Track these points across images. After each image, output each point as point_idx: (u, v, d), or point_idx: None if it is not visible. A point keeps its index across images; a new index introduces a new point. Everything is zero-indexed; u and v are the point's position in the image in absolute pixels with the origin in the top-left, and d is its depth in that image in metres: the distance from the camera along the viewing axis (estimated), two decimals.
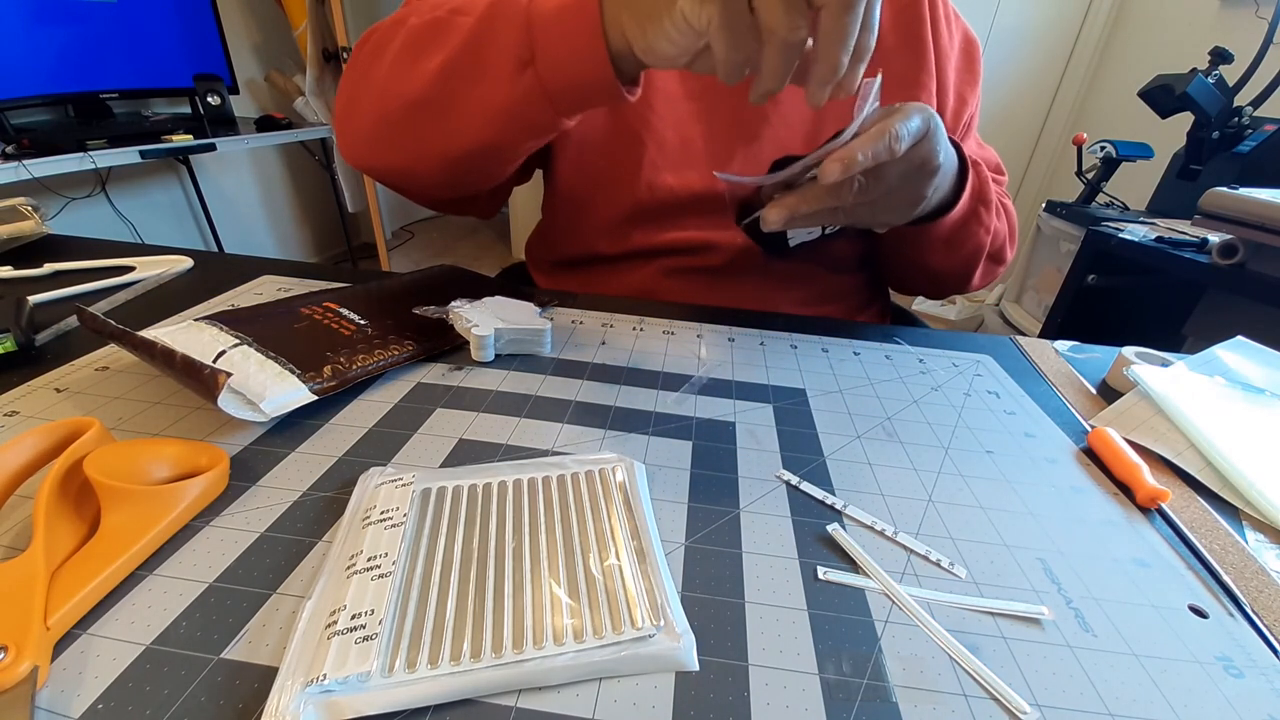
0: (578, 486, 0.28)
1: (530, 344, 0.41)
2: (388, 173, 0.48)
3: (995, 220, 0.52)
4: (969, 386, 0.42)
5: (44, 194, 1.59)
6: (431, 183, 0.47)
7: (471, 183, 0.48)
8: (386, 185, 0.50)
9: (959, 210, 0.46)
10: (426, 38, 0.41)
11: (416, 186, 0.49)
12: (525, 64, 0.36)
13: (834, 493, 0.30)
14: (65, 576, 0.21)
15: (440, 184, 0.47)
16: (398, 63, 0.42)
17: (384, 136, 0.44)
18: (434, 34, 0.40)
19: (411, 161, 0.45)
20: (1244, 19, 1.62)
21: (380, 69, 0.43)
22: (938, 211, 0.46)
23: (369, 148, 0.46)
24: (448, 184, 0.47)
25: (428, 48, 0.40)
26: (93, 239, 0.60)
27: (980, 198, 0.48)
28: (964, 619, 0.24)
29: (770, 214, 0.35)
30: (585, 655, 0.20)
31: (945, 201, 0.45)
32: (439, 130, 0.41)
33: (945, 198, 0.45)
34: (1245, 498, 0.32)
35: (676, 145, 0.52)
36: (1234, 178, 1.30)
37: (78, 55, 1.58)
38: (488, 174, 0.47)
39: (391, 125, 0.43)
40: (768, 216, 0.35)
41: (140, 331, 0.34)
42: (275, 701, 0.18)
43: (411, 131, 0.42)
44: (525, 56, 0.36)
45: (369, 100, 0.44)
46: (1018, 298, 1.90)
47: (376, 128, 0.44)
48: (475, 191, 0.51)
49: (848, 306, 0.62)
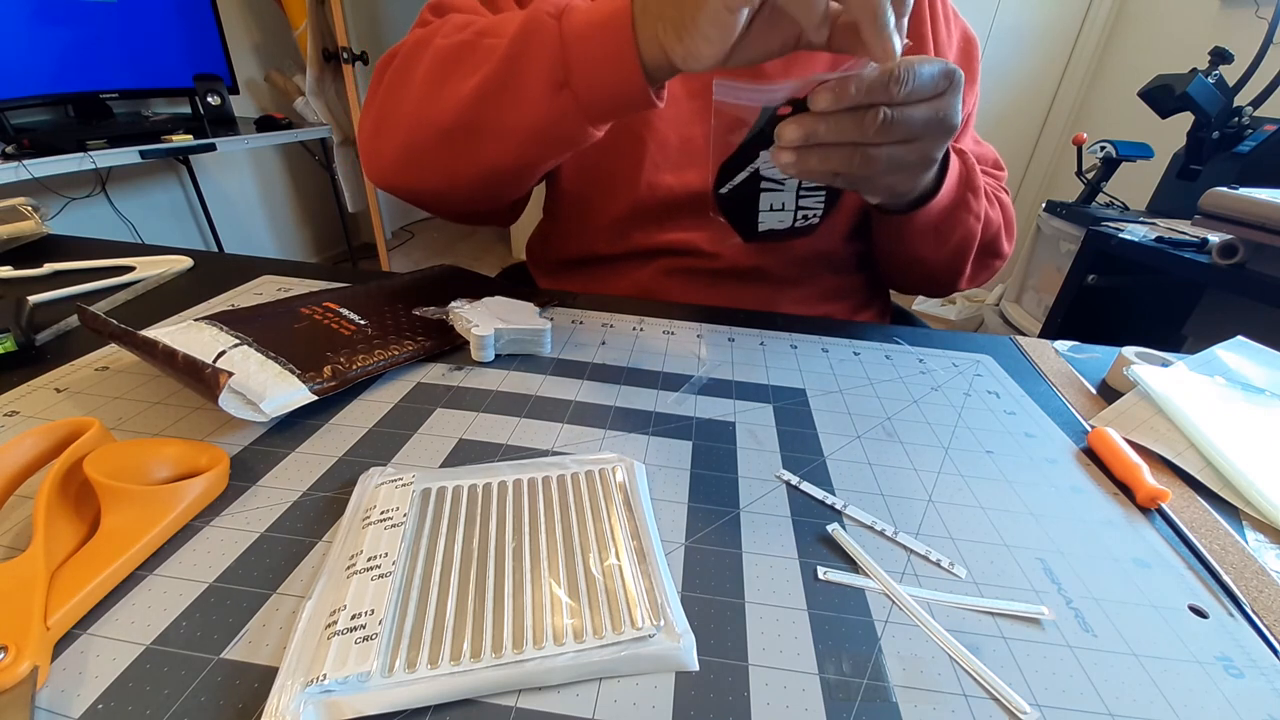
0: (578, 486, 0.28)
1: (530, 344, 0.41)
2: (417, 194, 0.48)
3: (988, 207, 0.52)
4: (969, 386, 0.42)
5: (44, 194, 1.59)
6: (460, 200, 0.48)
7: (500, 198, 0.48)
8: (411, 203, 0.50)
9: (946, 195, 0.46)
10: (455, 61, 0.40)
11: (444, 205, 0.50)
12: (561, 85, 0.36)
13: (834, 493, 0.30)
14: (65, 576, 0.21)
15: (469, 200, 0.48)
16: (427, 87, 0.41)
17: (414, 160, 0.44)
18: (464, 57, 0.40)
19: (442, 183, 0.45)
20: (1244, 19, 1.62)
21: (409, 94, 0.43)
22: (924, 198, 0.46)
23: (398, 172, 0.46)
24: (478, 200, 0.48)
25: (457, 72, 0.40)
26: (93, 239, 0.60)
27: (968, 184, 0.48)
28: (964, 619, 0.24)
29: (787, 129, 0.33)
30: (585, 655, 0.20)
31: (930, 189, 0.45)
32: (472, 153, 0.41)
33: (930, 185, 0.45)
34: (1245, 498, 0.32)
35: (677, 145, 0.53)
36: (1234, 178, 1.30)
37: (78, 55, 1.58)
38: (517, 189, 0.48)
39: (422, 150, 0.43)
40: (783, 131, 0.34)
41: (140, 331, 0.34)
42: (275, 701, 0.18)
43: (444, 156, 0.42)
44: (560, 78, 0.36)
45: (397, 125, 0.44)
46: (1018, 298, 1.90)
47: (407, 152, 0.44)
48: (501, 205, 0.52)
49: (848, 306, 0.62)
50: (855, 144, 0.34)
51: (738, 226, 0.54)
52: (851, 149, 0.34)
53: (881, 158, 0.35)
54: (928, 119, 0.34)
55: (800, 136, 0.33)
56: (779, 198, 0.52)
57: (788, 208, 0.53)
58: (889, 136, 0.33)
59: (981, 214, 0.50)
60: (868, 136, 0.33)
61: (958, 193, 0.47)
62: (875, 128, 0.33)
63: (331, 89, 2.25)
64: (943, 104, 0.34)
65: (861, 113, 0.32)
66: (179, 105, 1.93)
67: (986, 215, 0.52)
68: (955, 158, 0.46)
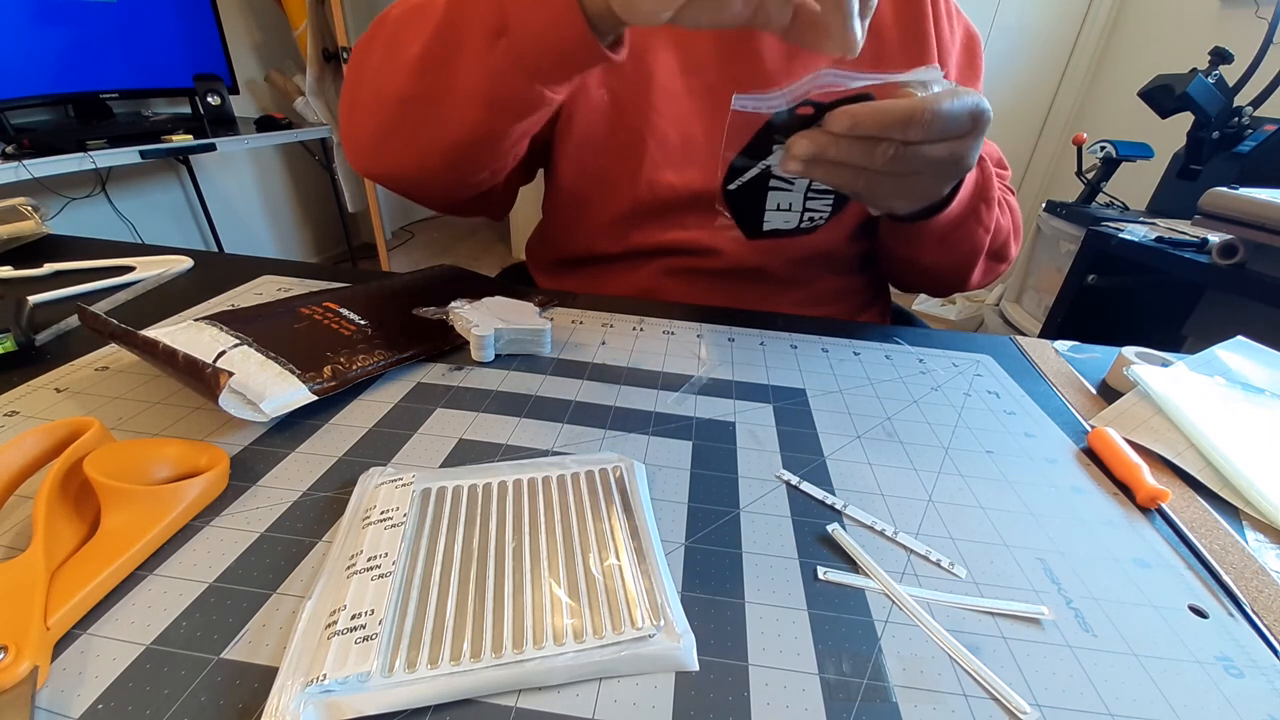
0: (578, 486, 0.28)
1: (530, 344, 0.41)
2: (394, 178, 0.47)
3: (1000, 216, 0.51)
4: (969, 386, 0.42)
5: (44, 194, 1.59)
6: (436, 183, 0.47)
7: (476, 178, 0.47)
8: (397, 192, 0.50)
9: (957, 208, 0.45)
10: (404, 28, 0.40)
11: (423, 189, 0.49)
12: (498, 34, 0.34)
13: (834, 493, 0.30)
14: (65, 576, 0.21)
15: (446, 183, 0.47)
16: (383, 59, 0.41)
17: (382, 140, 0.44)
18: (411, 23, 0.39)
19: (413, 163, 0.44)
20: (1244, 19, 1.63)
21: (369, 70, 0.42)
22: (933, 209, 0.45)
23: (372, 155, 0.46)
24: (453, 182, 0.47)
25: (406, 38, 0.39)
26: (93, 239, 0.60)
27: (982, 196, 0.47)
28: (964, 619, 0.24)
29: (798, 145, 0.33)
30: (585, 655, 0.20)
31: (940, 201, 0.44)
32: (431, 123, 0.41)
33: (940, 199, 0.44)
34: (1245, 498, 0.32)
35: (678, 143, 0.52)
36: (1234, 178, 1.30)
37: (78, 55, 1.58)
38: (491, 165, 0.46)
39: (388, 128, 0.43)
40: (794, 144, 0.34)
41: (141, 331, 0.34)
42: (275, 701, 0.18)
43: (407, 130, 0.42)
44: (497, 26, 0.34)
45: (364, 105, 0.44)
46: (1018, 298, 1.90)
47: (375, 132, 0.44)
48: (482, 189, 0.50)
49: (848, 307, 0.62)
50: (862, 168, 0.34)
51: (742, 223, 0.54)
52: (858, 170, 0.34)
53: (886, 185, 0.35)
54: (940, 159, 0.34)
55: (809, 153, 0.33)
56: (787, 198, 0.52)
57: (795, 208, 0.53)
58: (896, 169, 0.33)
59: (992, 225, 0.49)
60: (875, 165, 0.33)
61: (969, 205, 0.46)
62: (884, 160, 0.33)
63: (331, 89, 2.25)
64: (961, 146, 0.34)
65: (874, 142, 0.32)
66: (179, 105, 1.93)
67: (996, 224, 0.51)
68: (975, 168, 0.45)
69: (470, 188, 0.48)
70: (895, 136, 0.32)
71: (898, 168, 0.33)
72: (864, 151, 0.33)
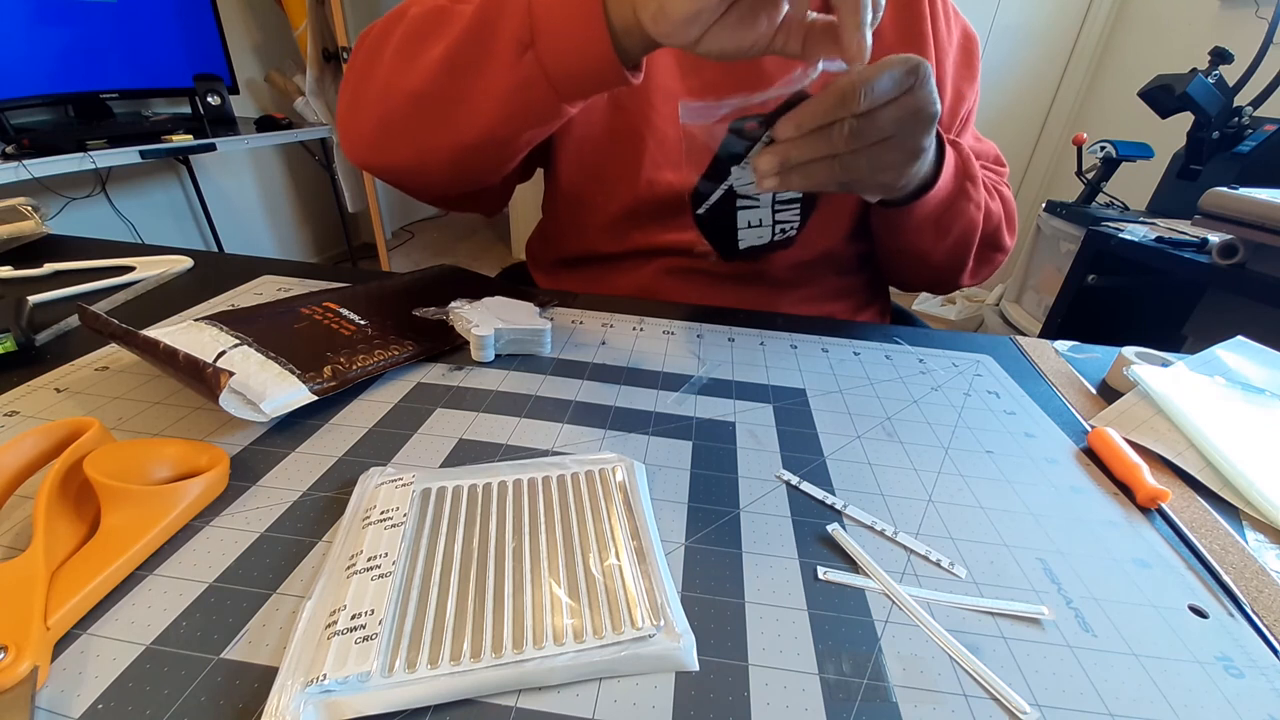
0: (578, 486, 0.28)
1: (530, 344, 0.41)
2: (393, 171, 0.47)
3: (988, 199, 0.52)
4: (969, 386, 0.42)
5: (44, 194, 1.59)
6: (437, 179, 0.47)
7: (476, 178, 0.48)
8: (391, 184, 0.50)
9: (944, 185, 0.46)
10: (427, 29, 0.40)
11: (420, 184, 0.49)
12: (525, 46, 0.35)
13: (834, 493, 0.30)
14: (65, 576, 0.21)
15: (445, 180, 0.47)
16: (399, 56, 0.41)
17: (388, 133, 0.44)
18: (434, 24, 0.40)
19: (417, 158, 0.44)
20: (1244, 19, 1.63)
21: (381, 64, 0.43)
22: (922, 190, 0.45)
23: (373, 146, 0.46)
24: (453, 180, 0.47)
25: (428, 38, 0.40)
26: (93, 239, 0.60)
27: (965, 174, 0.48)
28: (964, 619, 0.24)
29: (762, 162, 0.34)
30: (585, 655, 0.20)
31: (927, 180, 0.45)
32: (443, 123, 0.41)
33: (927, 177, 0.45)
34: (1245, 498, 0.32)
35: (677, 142, 0.52)
36: (1234, 178, 1.30)
37: (78, 55, 1.58)
38: (493, 168, 0.47)
39: (396, 121, 0.43)
40: (759, 165, 0.34)
41: (141, 331, 0.34)
42: (275, 701, 0.18)
43: (416, 126, 0.42)
44: (525, 39, 0.35)
45: (371, 97, 0.44)
46: (1018, 298, 1.90)
47: (381, 125, 0.44)
48: (479, 187, 0.51)
49: (848, 307, 0.62)
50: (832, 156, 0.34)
51: (718, 246, 0.55)
52: (830, 161, 0.34)
53: (862, 162, 0.35)
54: (898, 117, 0.34)
55: (775, 166, 0.34)
56: (755, 214, 0.53)
57: (765, 223, 0.54)
58: (862, 141, 0.34)
59: (982, 203, 0.50)
60: (839, 149, 0.34)
61: (956, 182, 0.47)
62: (844, 139, 0.33)
63: (331, 89, 2.25)
64: (912, 99, 0.34)
65: (827, 129, 0.33)
66: (179, 105, 1.93)
67: (987, 206, 0.51)
68: (951, 148, 0.46)
69: (463, 185, 0.49)
70: (843, 115, 0.33)
71: (862, 140, 0.34)
72: (824, 140, 0.33)
